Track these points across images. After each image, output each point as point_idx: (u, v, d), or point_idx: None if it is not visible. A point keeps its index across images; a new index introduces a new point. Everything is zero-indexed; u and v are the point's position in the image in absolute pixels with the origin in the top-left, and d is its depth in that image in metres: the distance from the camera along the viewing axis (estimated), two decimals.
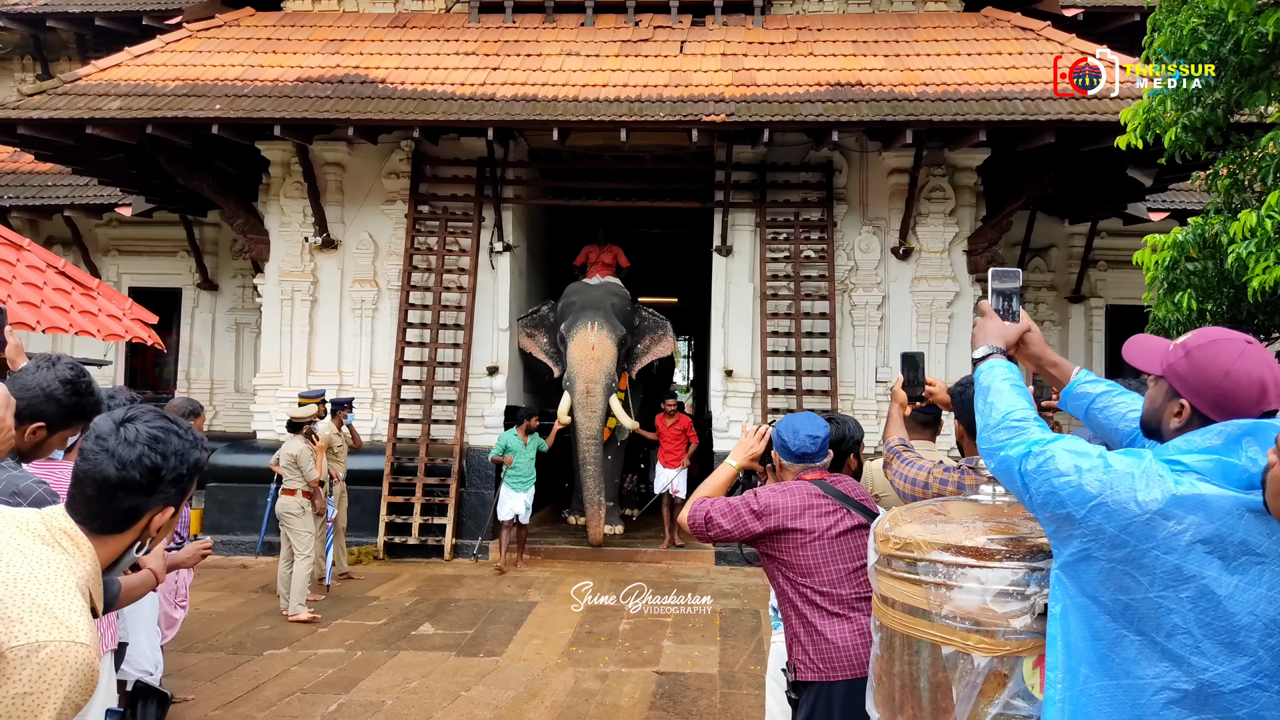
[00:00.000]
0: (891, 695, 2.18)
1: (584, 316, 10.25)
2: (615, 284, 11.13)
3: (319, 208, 10.69)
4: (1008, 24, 10.70)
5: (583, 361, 9.98)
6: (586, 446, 9.92)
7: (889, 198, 10.73)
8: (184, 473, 1.65)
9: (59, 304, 7.56)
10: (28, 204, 12.39)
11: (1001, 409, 1.93)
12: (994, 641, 1.96)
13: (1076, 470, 1.71)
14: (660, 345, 10.90)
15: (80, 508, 1.58)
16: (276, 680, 5.97)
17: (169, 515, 1.66)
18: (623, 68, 10.17)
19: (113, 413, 1.65)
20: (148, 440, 1.60)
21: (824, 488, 3.00)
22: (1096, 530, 1.67)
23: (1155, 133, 6.14)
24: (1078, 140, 9.05)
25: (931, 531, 2.12)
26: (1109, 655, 1.67)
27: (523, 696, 5.82)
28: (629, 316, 10.79)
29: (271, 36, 10.95)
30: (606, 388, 10.02)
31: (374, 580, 9.02)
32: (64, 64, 13.77)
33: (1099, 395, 2.21)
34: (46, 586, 1.40)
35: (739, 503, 3.00)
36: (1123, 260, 11.15)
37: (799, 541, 2.92)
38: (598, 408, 9.95)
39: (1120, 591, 1.65)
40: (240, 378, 13.00)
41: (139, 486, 1.59)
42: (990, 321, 2.17)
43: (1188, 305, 5.92)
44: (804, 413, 3.25)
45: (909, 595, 2.12)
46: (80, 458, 1.60)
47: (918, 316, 10.55)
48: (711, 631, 7.36)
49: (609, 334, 10.17)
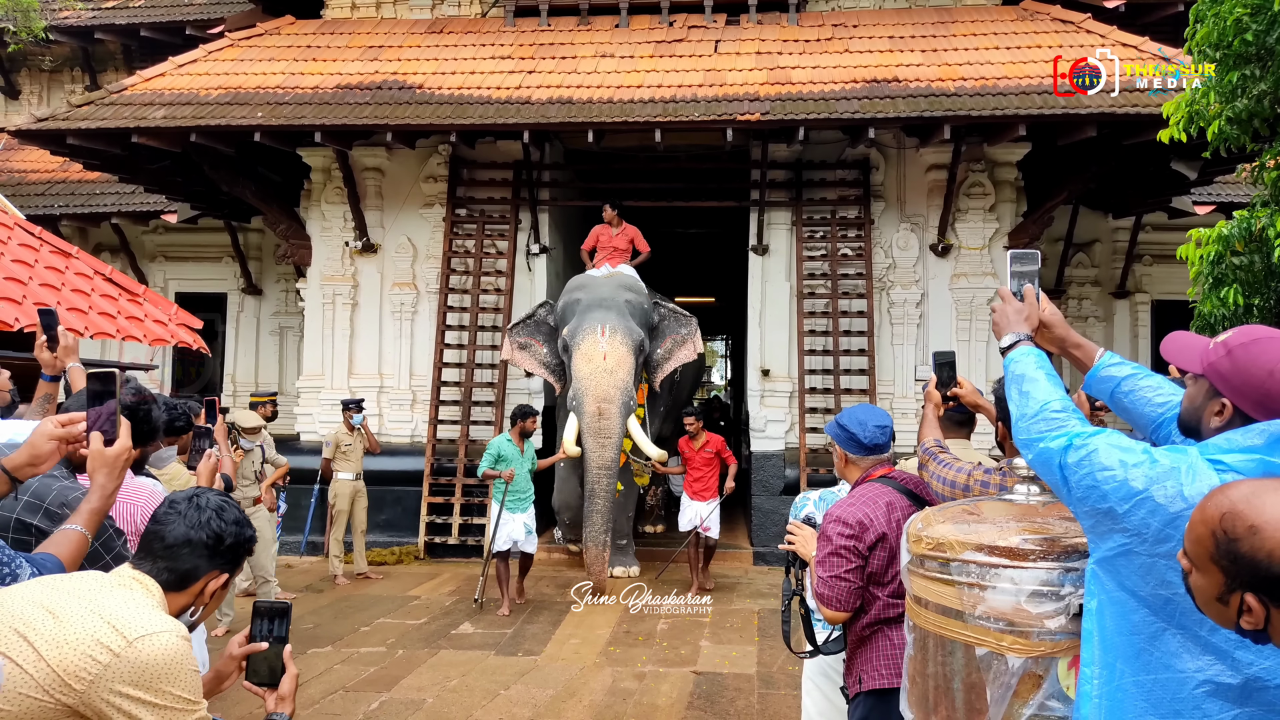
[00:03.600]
0: (925, 696, 2.17)
1: (592, 318, 8.56)
2: (628, 275, 9.30)
3: (359, 212, 10.83)
4: (1047, 16, 10.56)
5: (592, 375, 8.27)
6: (597, 478, 8.12)
7: (927, 194, 10.64)
8: (239, 542, 1.88)
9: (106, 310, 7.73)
10: (77, 212, 12.69)
11: (1039, 399, 1.90)
12: (1028, 642, 1.95)
13: (1121, 465, 1.68)
14: (685, 348, 9.12)
15: (145, 564, 1.80)
16: (320, 678, 6.06)
17: (222, 582, 1.86)
18: (657, 68, 10.18)
19: (187, 490, 1.92)
20: (216, 508, 1.86)
21: (897, 488, 2.91)
22: (1140, 525, 1.64)
23: (1199, 126, 6.02)
24: (1120, 133, 8.91)
25: (964, 531, 2.11)
26: (1147, 649, 1.65)
27: (561, 695, 5.86)
28: (647, 315, 9.08)
29: (311, 44, 11.11)
30: (624, 407, 8.27)
31: (415, 579, 9.13)
32: (111, 75, 14.09)
33: (1125, 378, 2.16)
34: (136, 604, 1.70)
35: (834, 549, 2.78)
36: (1168, 255, 10.94)
37: (883, 547, 2.80)
38: (613, 433, 8.18)
39: (1162, 586, 1.62)
40: (284, 380, 13.20)
41: (202, 547, 1.82)
42: (1010, 306, 2.14)
43: (1234, 300, 5.80)
44: (861, 405, 3.20)
45: (942, 596, 2.11)
46: (152, 520, 1.84)
47: (957, 314, 10.44)
48: (750, 632, 7.35)
49: (624, 339, 8.44)
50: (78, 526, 2.02)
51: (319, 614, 7.72)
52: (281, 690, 1.99)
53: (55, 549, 1.97)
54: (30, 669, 1.54)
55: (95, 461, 2.03)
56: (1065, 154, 9.81)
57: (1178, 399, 2.04)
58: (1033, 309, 2.14)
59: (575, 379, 8.42)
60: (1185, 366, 1.84)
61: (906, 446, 3.71)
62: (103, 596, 1.68)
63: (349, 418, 9.04)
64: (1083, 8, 10.65)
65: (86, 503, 2.06)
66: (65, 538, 2.00)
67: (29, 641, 1.55)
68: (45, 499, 2.42)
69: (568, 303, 8.98)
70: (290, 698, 2.00)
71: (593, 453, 8.16)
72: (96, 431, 2.03)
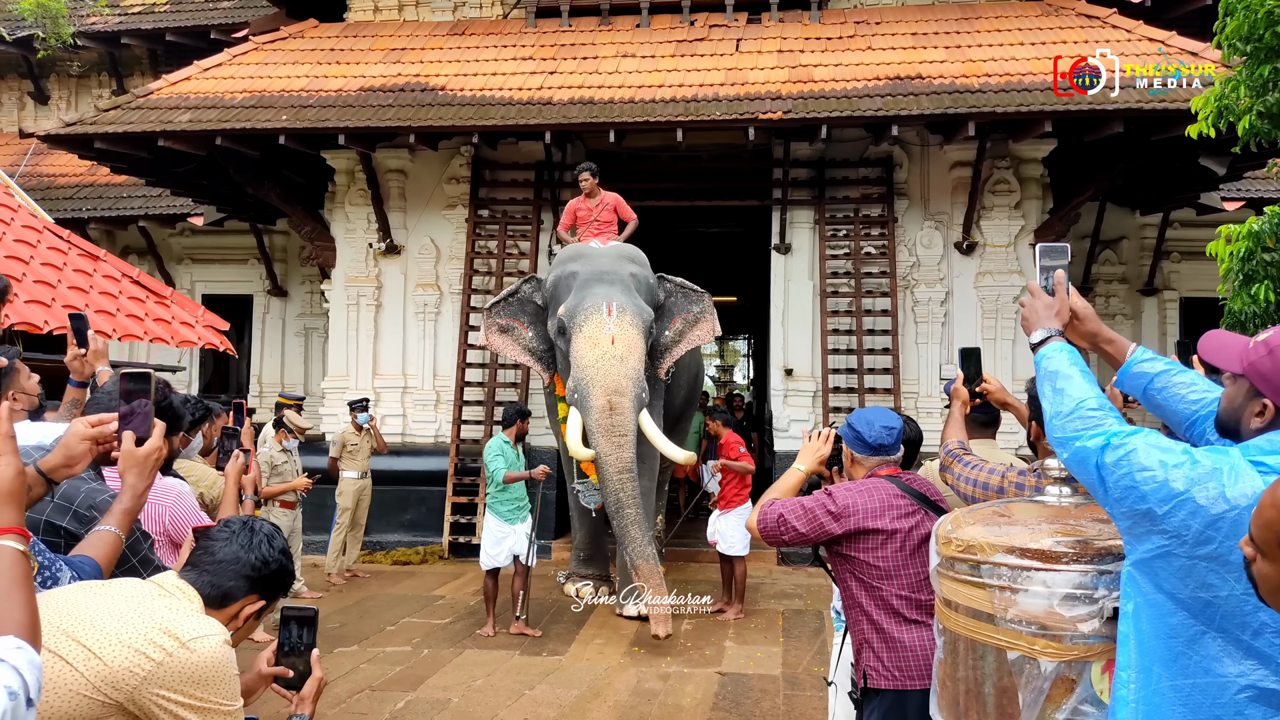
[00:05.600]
0: (956, 700, 2.15)
1: (594, 295, 7.26)
2: (630, 248, 8.01)
3: (382, 214, 10.89)
4: (1072, 11, 10.45)
5: (600, 363, 7.02)
6: (620, 485, 6.86)
7: (951, 192, 10.56)
8: (281, 572, 1.94)
9: (134, 312, 7.81)
10: (104, 215, 12.85)
11: (1074, 396, 1.87)
12: (1061, 646, 1.93)
13: (1162, 465, 1.65)
14: (698, 329, 7.89)
15: (189, 575, 1.85)
16: (346, 677, 6.10)
17: (258, 608, 1.91)
18: (678, 68, 10.17)
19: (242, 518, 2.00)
20: (267, 535, 1.93)
21: (902, 486, 2.90)
22: (1180, 526, 1.61)
23: (1229, 120, 5.94)
24: (1147, 129, 8.81)
25: (995, 534, 2.09)
26: (1185, 653, 1.63)
27: (585, 696, 5.86)
28: (653, 291, 7.83)
29: (335, 47, 11.18)
30: (637, 399, 7.05)
31: (439, 579, 9.16)
32: (137, 79, 14.24)
33: (1158, 374, 2.13)
34: (183, 609, 1.75)
35: (814, 503, 2.87)
36: (1197, 251, 10.77)
37: (878, 542, 2.82)
38: (628, 430, 6.94)
39: (1201, 589, 1.60)
40: (309, 381, 13.29)
41: (249, 569, 1.87)
42: (1040, 301, 2.11)
43: (1265, 297, 5.71)
44: (873, 406, 3.19)
45: (973, 599, 2.09)
46: (205, 535, 1.91)
47: (983, 312, 10.36)
48: (774, 633, 7.32)
49: (634, 319, 7.20)
50: (111, 528, 2.04)
51: (345, 613, 7.77)
52: (304, 692, 2.03)
53: (91, 551, 1.99)
54: (81, 667, 1.57)
55: (126, 461, 2.04)
56: (1092, 150, 9.71)
57: (1211, 396, 2.01)
58: (1063, 303, 2.10)
59: (578, 368, 7.14)
60: (1224, 366, 1.80)
61: (933, 447, 3.66)
62: (151, 601, 1.72)
63: (355, 417, 9.08)
64: (1108, 2, 10.54)
65: (118, 503, 2.08)
66: (100, 539, 2.03)
67: (80, 642, 1.59)
68: (74, 501, 2.44)
69: (561, 276, 7.64)
70: (310, 700, 2.04)
71: (608, 456, 6.91)
72: (128, 431, 2.05)
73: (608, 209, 8.35)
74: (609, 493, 6.95)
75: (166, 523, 3.09)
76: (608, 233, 8.25)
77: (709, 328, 7.91)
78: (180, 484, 3.27)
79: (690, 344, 7.93)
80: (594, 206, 8.35)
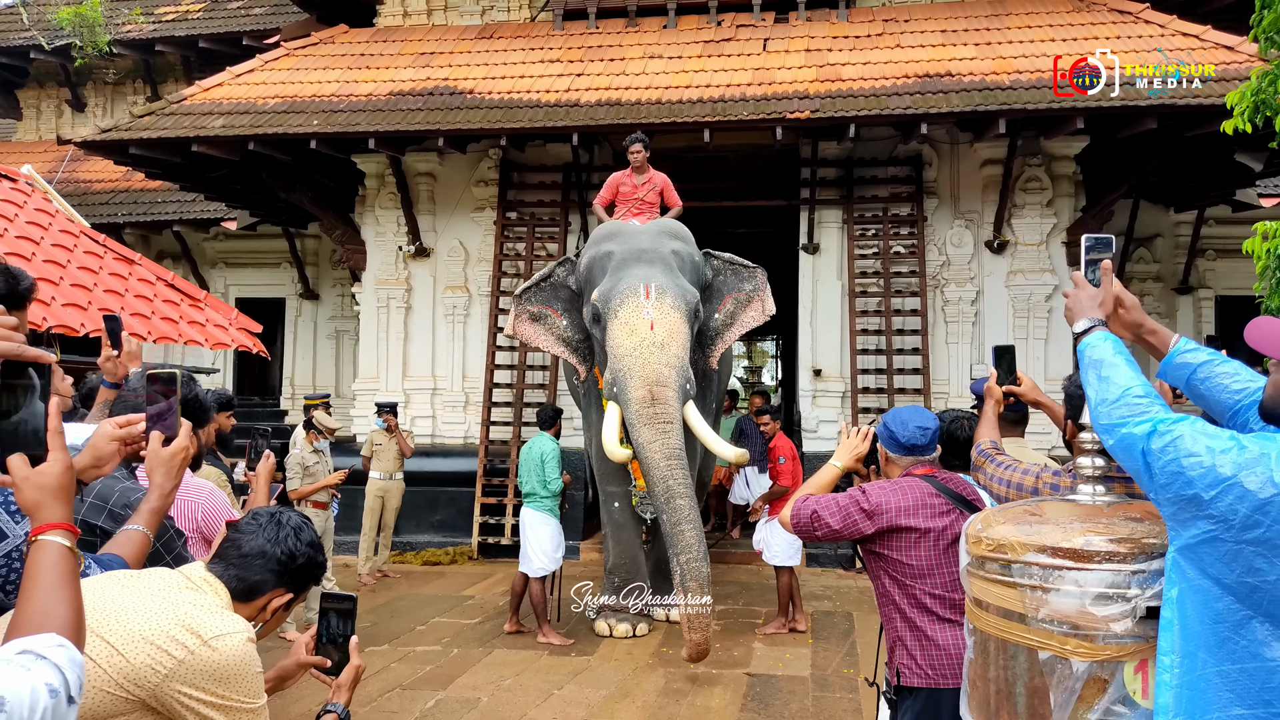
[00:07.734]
0: (987, 701, 2.13)
1: (631, 276, 6.54)
2: (672, 223, 7.30)
3: (412, 217, 10.97)
4: (1104, 7, 10.32)
5: (637, 351, 6.30)
6: (669, 470, 6.04)
7: (982, 190, 10.46)
8: (310, 565, 1.93)
9: (168, 315, 7.92)
10: (139, 220, 13.06)
11: (1120, 384, 1.87)
12: (1093, 646, 1.90)
13: (1209, 451, 1.65)
14: (750, 310, 7.16)
15: (217, 568, 1.86)
16: (377, 676, 6.14)
17: (285, 601, 1.91)
18: (705, 68, 10.16)
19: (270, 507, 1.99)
20: (295, 528, 1.91)
21: (937, 485, 2.90)
22: (1227, 511, 1.60)
23: (1265, 115, 5.85)
24: (1181, 125, 8.68)
25: (1027, 533, 2.07)
26: (1232, 638, 1.62)
27: (614, 696, 5.86)
28: (699, 270, 7.09)
29: (365, 52, 11.28)
30: (681, 390, 6.30)
31: (469, 579, 9.21)
32: (171, 85, 14.46)
33: (1201, 365, 2.11)
34: (208, 604, 1.76)
35: (848, 501, 2.89)
36: (1232, 249, 10.61)
37: (911, 540, 2.83)
38: (673, 416, 6.19)
39: (1248, 574, 1.59)
40: (340, 383, 13.41)
41: (276, 562, 1.87)
42: (1084, 292, 2.09)
43: None
44: (910, 405, 3.17)
45: (1003, 598, 2.07)
46: (233, 528, 1.91)
47: (1014, 311, 10.26)
48: (803, 634, 7.29)
49: (675, 302, 6.46)
50: (139, 526, 2.07)
51: (376, 613, 7.83)
52: (341, 679, 2.03)
53: (119, 549, 2.01)
54: (105, 664, 1.59)
55: (153, 461, 2.06)
56: (1125, 146, 9.58)
57: (1255, 386, 2.00)
58: (1107, 294, 2.08)
59: (614, 357, 6.42)
60: (1271, 353, 1.78)
61: None
62: (176, 595, 1.73)
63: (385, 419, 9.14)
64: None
65: (146, 503, 2.11)
66: (128, 538, 2.05)
67: (104, 638, 1.60)
68: (109, 500, 2.47)
69: (595, 257, 6.93)
70: (348, 688, 2.03)
71: (652, 444, 6.09)
72: (156, 431, 2.07)
73: (654, 190, 7.66)
74: (656, 482, 6.08)
75: (199, 520, 3.12)
76: (649, 214, 7.59)
77: (759, 308, 7.15)
78: (211, 483, 3.31)
79: (743, 327, 7.16)
80: (640, 184, 7.66)
